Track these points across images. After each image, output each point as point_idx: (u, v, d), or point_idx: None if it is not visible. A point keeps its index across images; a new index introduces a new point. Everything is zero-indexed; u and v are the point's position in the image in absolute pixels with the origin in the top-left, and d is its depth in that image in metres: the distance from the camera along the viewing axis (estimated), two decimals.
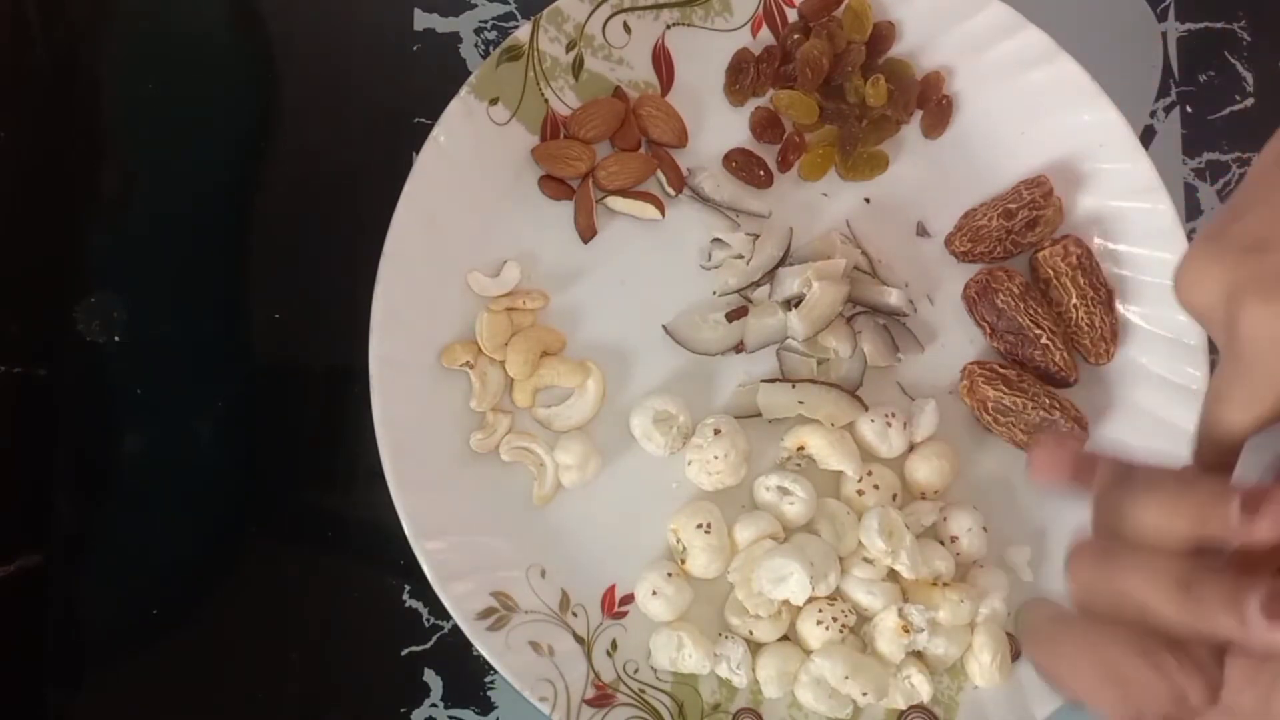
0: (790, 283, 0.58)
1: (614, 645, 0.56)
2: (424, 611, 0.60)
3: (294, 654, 0.60)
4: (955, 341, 0.60)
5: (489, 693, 0.60)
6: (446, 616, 0.57)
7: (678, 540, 0.57)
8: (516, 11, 0.64)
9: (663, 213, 0.59)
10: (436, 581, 0.54)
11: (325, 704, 0.59)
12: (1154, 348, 0.58)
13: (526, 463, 0.57)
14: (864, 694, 0.54)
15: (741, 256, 0.59)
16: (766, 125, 0.60)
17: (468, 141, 0.57)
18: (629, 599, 0.57)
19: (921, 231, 0.61)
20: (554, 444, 0.57)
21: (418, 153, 0.57)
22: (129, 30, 0.63)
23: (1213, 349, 0.57)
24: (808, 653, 0.55)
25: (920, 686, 0.55)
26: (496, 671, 0.55)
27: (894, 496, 0.57)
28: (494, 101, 0.58)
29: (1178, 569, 0.32)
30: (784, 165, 0.61)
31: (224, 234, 0.62)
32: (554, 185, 0.59)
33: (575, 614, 0.57)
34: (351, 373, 0.56)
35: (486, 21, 0.64)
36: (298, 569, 0.60)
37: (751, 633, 0.56)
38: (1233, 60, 0.66)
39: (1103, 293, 0.58)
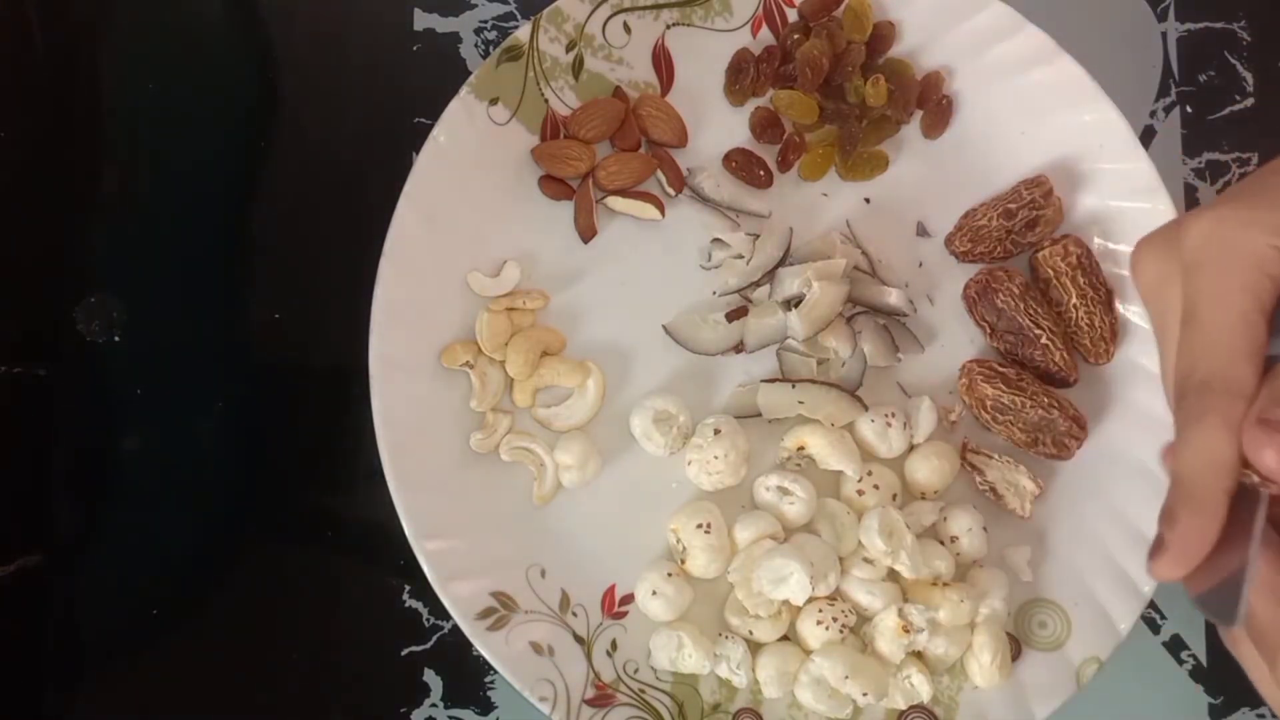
0: (790, 283, 0.58)
1: (614, 645, 0.56)
2: (424, 611, 0.60)
3: (294, 654, 0.60)
4: (955, 341, 0.60)
5: (489, 693, 0.60)
6: (446, 616, 0.57)
7: (678, 540, 0.57)
8: (516, 11, 0.64)
9: (663, 213, 0.59)
10: (436, 581, 0.54)
11: (325, 704, 0.59)
12: (1153, 348, 0.58)
13: (526, 463, 0.57)
14: (864, 694, 0.54)
15: (741, 256, 0.59)
16: (766, 125, 0.60)
17: (468, 141, 0.57)
18: (629, 599, 0.57)
19: (921, 231, 0.61)
20: (554, 444, 0.57)
21: (418, 153, 0.57)
22: (129, 30, 0.63)
23: None
24: (808, 653, 0.55)
25: (920, 686, 0.55)
26: (496, 671, 0.55)
27: (894, 496, 0.57)
28: (494, 101, 0.58)
29: None
30: (784, 165, 0.61)
31: (224, 234, 0.62)
32: (554, 185, 0.59)
33: (575, 614, 0.57)
34: (351, 373, 0.56)
35: (486, 21, 0.64)
36: (298, 569, 0.60)
37: (751, 633, 0.56)
38: (1233, 60, 0.66)
39: (1102, 293, 0.58)
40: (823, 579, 0.55)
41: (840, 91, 0.60)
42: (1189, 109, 0.66)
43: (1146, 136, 0.65)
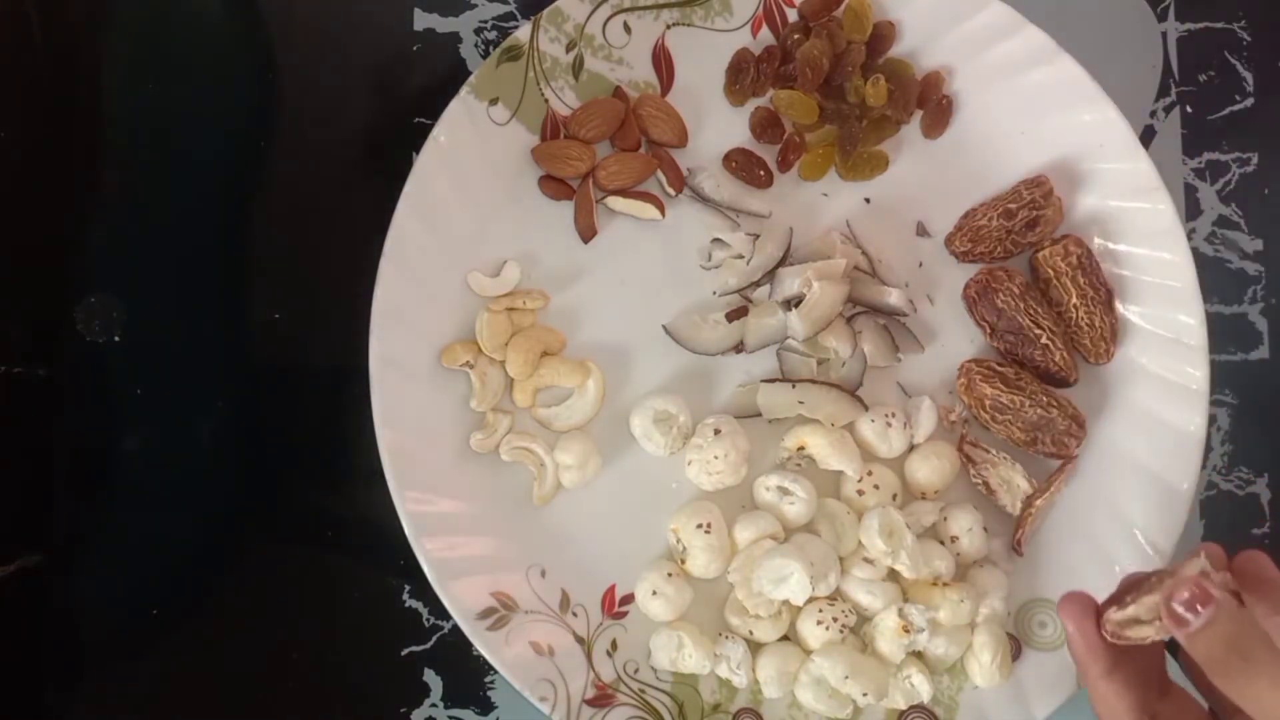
0: (790, 283, 0.58)
1: (614, 645, 0.56)
2: (424, 611, 0.60)
3: (294, 654, 0.60)
4: (955, 341, 0.60)
5: (489, 693, 0.60)
6: (446, 616, 0.57)
7: (678, 540, 0.57)
8: (516, 11, 0.64)
9: (663, 213, 0.59)
10: (436, 581, 0.54)
11: (325, 704, 0.59)
12: (1153, 348, 0.58)
13: (526, 463, 0.57)
14: (864, 694, 0.54)
15: (741, 256, 0.59)
16: (766, 125, 0.60)
17: (468, 141, 0.57)
18: (629, 599, 0.57)
19: (921, 231, 0.61)
20: (554, 444, 0.57)
21: (418, 153, 0.57)
22: (129, 30, 0.63)
23: (1213, 349, 0.57)
24: (808, 653, 0.55)
25: (920, 686, 0.55)
26: (496, 671, 0.55)
27: (894, 496, 0.57)
28: (494, 101, 0.58)
29: None
30: (784, 165, 0.61)
31: (224, 234, 0.62)
32: (554, 185, 0.59)
33: (575, 614, 0.57)
34: (351, 373, 0.56)
35: (486, 21, 0.64)
36: (298, 569, 0.60)
37: (751, 633, 0.56)
38: (1233, 60, 0.66)
39: (1103, 293, 0.58)
40: (823, 579, 0.55)
41: (840, 91, 0.60)
42: (1189, 109, 0.66)
43: (1146, 136, 0.65)
